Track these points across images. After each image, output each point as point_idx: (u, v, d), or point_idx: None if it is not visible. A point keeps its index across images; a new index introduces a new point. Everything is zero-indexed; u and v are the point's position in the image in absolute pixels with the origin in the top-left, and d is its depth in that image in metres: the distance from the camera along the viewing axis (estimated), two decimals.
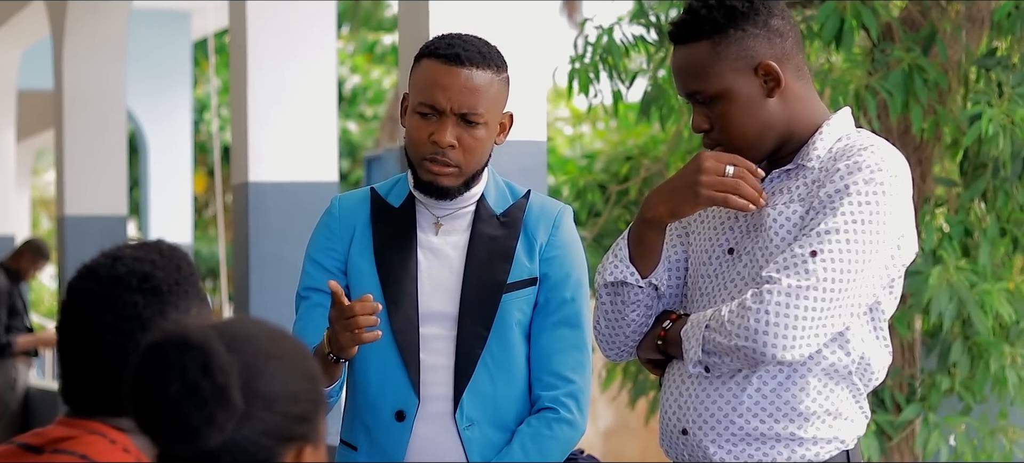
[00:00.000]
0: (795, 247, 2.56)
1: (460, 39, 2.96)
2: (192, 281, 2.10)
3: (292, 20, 5.95)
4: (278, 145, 5.96)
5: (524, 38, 4.43)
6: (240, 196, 6.04)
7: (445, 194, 2.97)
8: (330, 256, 3.04)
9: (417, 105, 2.94)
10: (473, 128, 2.92)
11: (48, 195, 26.77)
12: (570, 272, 3.02)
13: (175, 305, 2.06)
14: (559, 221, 3.05)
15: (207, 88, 19.02)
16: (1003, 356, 5.29)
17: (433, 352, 2.97)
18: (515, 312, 2.98)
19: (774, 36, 2.65)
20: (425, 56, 2.96)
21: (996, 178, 5.17)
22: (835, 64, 5.43)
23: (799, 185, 2.66)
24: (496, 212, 3.02)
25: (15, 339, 9.19)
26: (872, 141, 2.63)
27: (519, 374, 3.00)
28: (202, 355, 1.67)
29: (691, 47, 2.67)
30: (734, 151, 2.68)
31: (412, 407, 2.96)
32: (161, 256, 2.09)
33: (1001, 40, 5.26)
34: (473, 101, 2.91)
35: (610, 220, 6.40)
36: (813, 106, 2.71)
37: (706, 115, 2.69)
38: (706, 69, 2.65)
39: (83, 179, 8.94)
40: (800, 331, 2.53)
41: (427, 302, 2.98)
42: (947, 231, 5.26)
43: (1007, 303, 5.11)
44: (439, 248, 3.01)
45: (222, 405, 1.67)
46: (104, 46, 8.89)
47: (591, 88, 5.68)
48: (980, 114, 4.84)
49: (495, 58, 2.96)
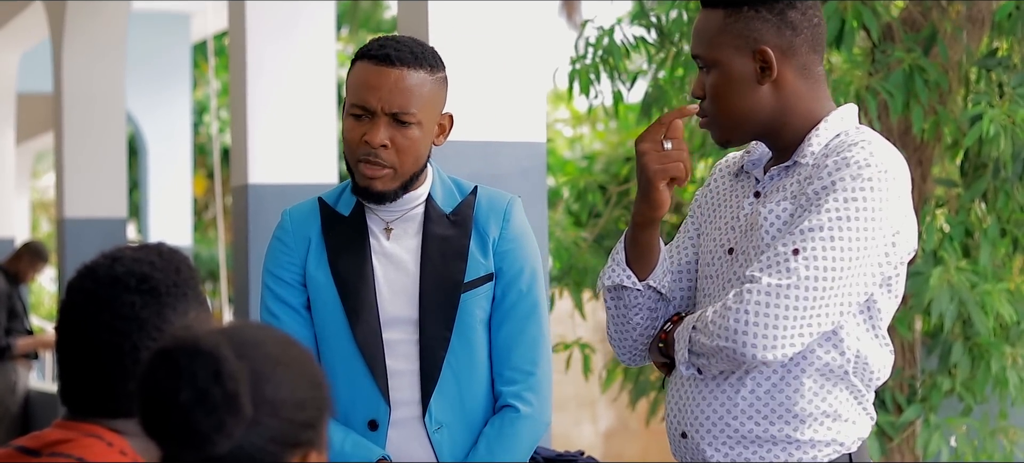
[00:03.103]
0: (778, 245, 2.55)
1: (393, 40, 2.97)
2: (191, 284, 2.10)
3: (291, 22, 5.94)
4: (278, 147, 5.95)
5: (523, 39, 4.42)
6: (240, 198, 6.03)
7: (380, 198, 2.96)
8: (289, 269, 3.04)
9: (350, 107, 2.95)
10: (406, 128, 2.92)
11: (47, 198, 26.76)
12: (524, 265, 3.03)
13: (173, 307, 2.05)
14: (509, 214, 3.04)
15: (207, 90, 19.02)
16: (1004, 357, 5.29)
17: (398, 357, 2.98)
18: (475, 310, 2.99)
19: (785, 27, 2.66)
20: (358, 58, 2.97)
21: (996, 179, 5.17)
22: (836, 65, 5.43)
23: (792, 182, 2.65)
24: (445, 211, 3.02)
25: (15, 342, 9.19)
26: (865, 136, 2.61)
27: (484, 372, 3.02)
28: (213, 362, 1.67)
29: (708, 12, 2.71)
30: (719, 126, 2.70)
31: (384, 415, 2.97)
32: (161, 258, 2.09)
33: (1002, 40, 5.25)
34: (404, 101, 2.91)
35: (610, 221, 6.40)
36: (812, 106, 2.69)
37: (702, 83, 2.72)
38: (711, 37, 2.68)
39: (83, 181, 8.94)
40: (781, 331, 2.51)
41: (387, 308, 2.98)
42: (948, 232, 5.26)
43: (1008, 304, 5.11)
44: (392, 253, 3.00)
45: (232, 412, 1.67)
46: (103, 48, 8.89)
47: (591, 89, 5.67)
48: (981, 115, 4.83)
49: (429, 58, 2.96)
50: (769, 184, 2.70)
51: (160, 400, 1.67)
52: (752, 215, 2.69)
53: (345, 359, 2.97)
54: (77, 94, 8.88)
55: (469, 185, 3.09)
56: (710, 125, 2.73)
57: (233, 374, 1.67)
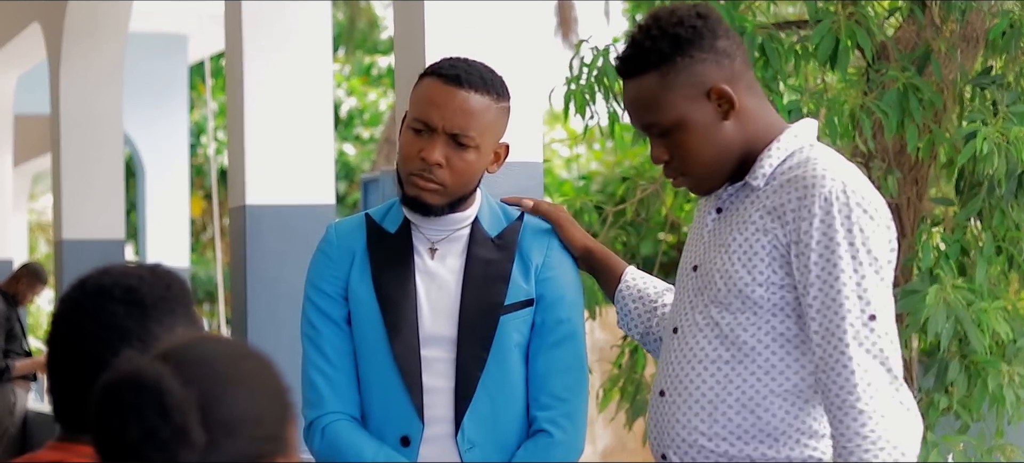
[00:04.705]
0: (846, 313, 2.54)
1: (465, 62, 2.98)
2: (181, 300, 2.07)
3: (288, 43, 5.96)
4: (275, 168, 5.96)
5: (519, 60, 4.43)
6: (237, 219, 6.04)
7: (427, 210, 2.97)
8: (332, 282, 3.04)
9: (412, 120, 2.96)
10: (463, 150, 2.93)
11: (45, 219, 26.76)
12: (565, 293, 3.03)
13: (159, 320, 2.03)
14: (553, 242, 3.06)
15: (204, 111, 19.04)
16: (1000, 374, 5.29)
17: (434, 375, 2.98)
18: (513, 333, 2.99)
19: (722, 58, 2.63)
20: (427, 74, 2.98)
21: (992, 197, 5.18)
22: (830, 84, 5.44)
23: (752, 208, 2.64)
24: (491, 235, 3.03)
25: (13, 363, 9.19)
26: (828, 163, 2.61)
27: (519, 395, 3.01)
28: (156, 395, 1.61)
29: (640, 80, 2.66)
30: (697, 178, 2.69)
31: (417, 432, 2.97)
32: (152, 274, 2.07)
33: (996, 59, 5.27)
34: (465, 123, 2.92)
35: (607, 241, 6.40)
36: (768, 121, 2.69)
37: (664, 146, 2.68)
38: (658, 100, 2.63)
39: (80, 203, 8.94)
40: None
41: (427, 326, 2.98)
42: (944, 250, 5.26)
43: (1004, 321, 5.11)
44: (436, 272, 3.01)
45: (184, 444, 1.62)
46: (101, 70, 8.90)
47: (587, 109, 5.68)
48: (975, 133, 4.84)
49: (496, 86, 2.97)
50: (728, 202, 2.71)
51: (110, 437, 1.63)
52: (718, 234, 2.69)
53: (381, 374, 2.97)
54: (75, 116, 8.89)
55: (515, 211, 3.10)
56: (687, 182, 2.72)
57: (179, 405, 1.61)
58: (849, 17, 5.06)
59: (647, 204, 6.13)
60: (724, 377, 2.64)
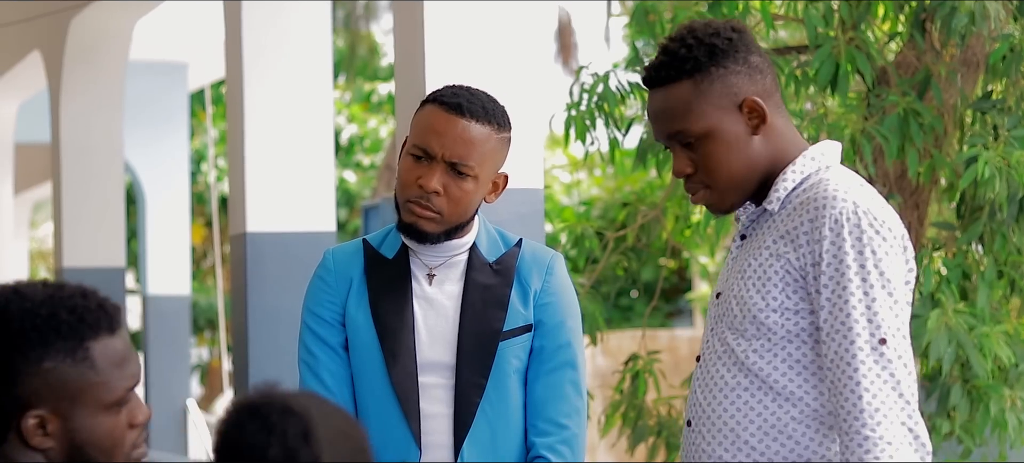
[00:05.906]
0: (856, 337, 2.52)
1: (467, 90, 2.97)
2: (66, 329, 1.98)
3: (288, 70, 5.96)
4: (275, 195, 5.96)
5: (520, 86, 4.44)
6: (238, 246, 6.03)
7: (423, 238, 2.96)
8: (329, 308, 3.03)
9: (412, 146, 2.96)
10: (461, 179, 2.93)
11: (46, 247, 26.75)
12: (564, 319, 3.03)
13: (19, 349, 1.97)
14: (552, 268, 3.05)
15: (204, 139, 19.04)
16: (1002, 399, 5.28)
17: (432, 401, 2.97)
18: (512, 359, 2.98)
19: (755, 72, 2.63)
20: (429, 101, 2.98)
21: (993, 221, 5.17)
22: (830, 109, 5.44)
23: (764, 231, 2.63)
24: (489, 260, 3.02)
25: None
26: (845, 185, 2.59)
27: (517, 420, 3.00)
28: (304, 423, 1.70)
29: (671, 88, 2.63)
30: (722, 192, 2.66)
31: (414, 457, 2.96)
32: (41, 296, 2.00)
33: (996, 83, 5.27)
34: (465, 152, 2.91)
35: (607, 267, 6.40)
36: (794, 142, 2.68)
37: (689, 158, 2.65)
38: (689, 108, 2.61)
39: (81, 231, 8.94)
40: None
41: (425, 352, 2.98)
42: (945, 274, 5.26)
43: (1006, 346, 5.10)
44: (434, 298, 3.00)
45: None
46: (101, 98, 8.90)
47: (587, 135, 5.68)
48: (976, 157, 4.84)
49: (498, 115, 2.97)
50: (752, 229, 2.70)
51: (248, 453, 1.70)
52: (736, 258, 2.69)
53: (379, 400, 2.97)
54: (75, 144, 8.89)
55: (514, 237, 3.10)
56: (710, 197, 2.68)
57: (320, 440, 1.72)
58: (849, 42, 5.06)
59: (648, 230, 6.13)
60: (744, 404, 2.62)
